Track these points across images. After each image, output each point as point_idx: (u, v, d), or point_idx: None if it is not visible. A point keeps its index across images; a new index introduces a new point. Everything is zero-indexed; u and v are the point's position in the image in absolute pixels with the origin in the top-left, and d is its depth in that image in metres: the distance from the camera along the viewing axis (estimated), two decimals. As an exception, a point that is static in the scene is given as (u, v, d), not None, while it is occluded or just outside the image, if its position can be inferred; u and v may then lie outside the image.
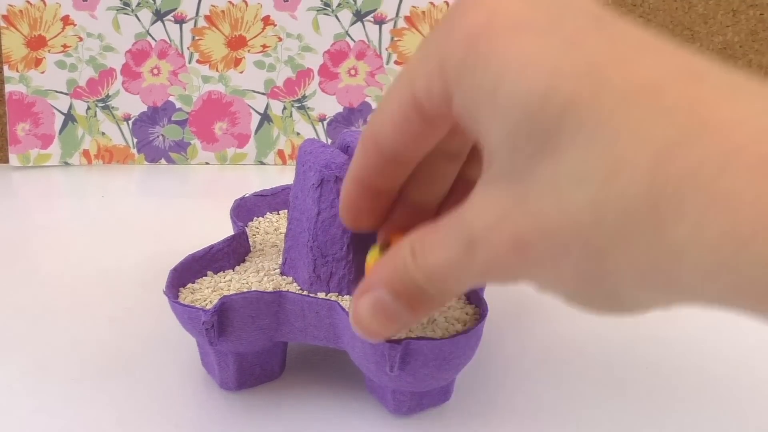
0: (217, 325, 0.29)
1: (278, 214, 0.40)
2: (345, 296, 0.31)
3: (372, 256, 0.29)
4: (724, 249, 0.15)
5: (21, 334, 0.37)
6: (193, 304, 0.30)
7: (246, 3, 0.60)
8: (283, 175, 0.60)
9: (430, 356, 0.28)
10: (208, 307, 0.30)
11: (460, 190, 0.28)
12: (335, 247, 0.31)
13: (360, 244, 0.31)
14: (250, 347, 0.31)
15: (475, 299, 0.31)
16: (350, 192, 0.27)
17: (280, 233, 0.37)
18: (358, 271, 0.31)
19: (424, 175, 0.27)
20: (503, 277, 0.21)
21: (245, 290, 0.31)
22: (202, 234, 0.38)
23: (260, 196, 0.40)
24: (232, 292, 0.31)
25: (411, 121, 0.23)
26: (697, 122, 0.16)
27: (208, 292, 0.32)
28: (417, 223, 0.26)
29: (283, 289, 0.31)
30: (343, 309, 0.29)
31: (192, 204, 0.55)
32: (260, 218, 0.39)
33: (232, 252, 0.34)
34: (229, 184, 0.59)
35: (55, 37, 0.60)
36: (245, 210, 0.39)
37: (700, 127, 0.16)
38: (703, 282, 0.16)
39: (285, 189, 0.40)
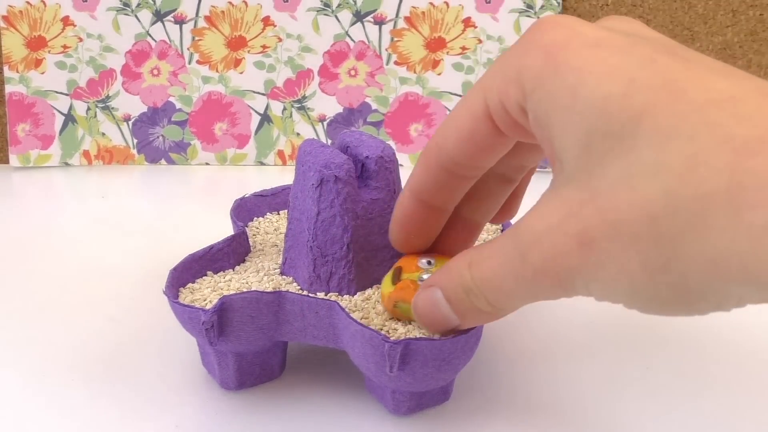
0: (217, 325, 0.29)
1: (278, 214, 0.40)
2: (345, 296, 0.31)
3: (385, 285, 0.29)
4: None
5: (21, 334, 0.37)
6: (192, 304, 0.30)
7: (246, 3, 0.60)
8: (283, 176, 0.60)
9: (429, 356, 0.28)
10: (207, 307, 0.30)
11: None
12: (335, 247, 0.31)
13: (360, 244, 0.31)
14: (249, 347, 0.31)
15: None
16: (406, 207, 0.27)
17: (280, 233, 0.38)
18: (358, 271, 0.31)
19: (476, 195, 0.28)
20: (560, 282, 0.21)
21: (245, 290, 0.31)
22: (202, 234, 0.38)
23: (260, 196, 0.40)
24: (231, 292, 0.31)
25: (479, 133, 0.24)
26: None
27: (207, 292, 0.32)
28: (462, 246, 0.27)
29: (283, 289, 0.31)
30: (343, 309, 0.29)
31: (192, 204, 0.55)
32: (260, 218, 0.39)
33: (232, 252, 0.34)
34: (229, 184, 0.59)
35: (55, 37, 0.60)
36: (245, 210, 0.39)
37: None
38: None
39: (285, 189, 0.40)
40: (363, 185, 0.32)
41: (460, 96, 0.61)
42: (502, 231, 0.38)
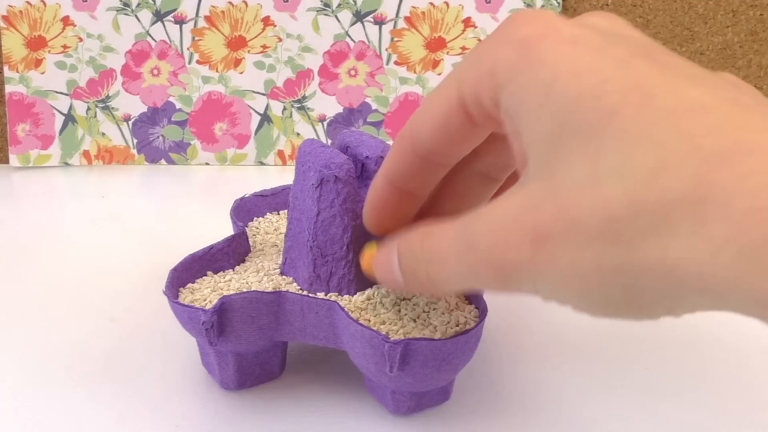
0: (217, 325, 0.29)
1: (278, 214, 0.40)
2: (345, 296, 0.31)
3: (369, 249, 0.29)
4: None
5: (21, 334, 0.37)
6: (192, 304, 0.30)
7: (246, 3, 0.60)
8: (283, 176, 0.60)
9: (429, 356, 0.28)
10: (207, 307, 0.30)
11: None
12: (335, 247, 0.31)
13: (360, 244, 0.31)
14: (249, 347, 0.31)
15: (474, 299, 0.31)
16: (379, 191, 0.27)
17: (280, 233, 0.38)
18: (358, 271, 0.31)
19: (459, 191, 0.28)
20: (502, 275, 0.21)
21: (245, 290, 0.31)
22: (202, 234, 0.38)
23: (260, 196, 0.40)
24: (231, 292, 0.31)
25: (453, 122, 0.24)
26: (745, 140, 0.17)
27: (207, 292, 0.32)
28: None
29: (283, 289, 0.31)
30: (343, 309, 0.29)
31: (192, 204, 0.55)
32: (260, 218, 0.39)
33: (232, 252, 0.34)
34: (229, 184, 0.59)
35: (55, 37, 0.60)
36: (245, 210, 0.39)
37: (750, 143, 0.17)
38: (735, 281, 0.16)
39: (285, 189, 0.40)
40: (363, 185, 0.32)
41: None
42: None
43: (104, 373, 0.34)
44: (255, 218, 0.39)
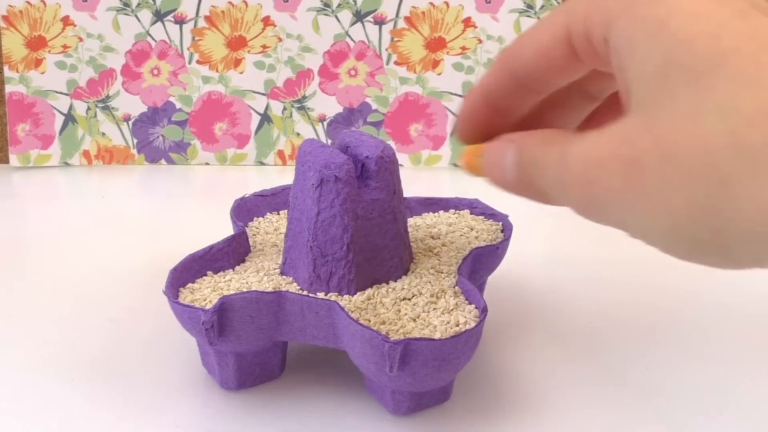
0: (217, 325, 0.29)
1: (278, 214, 0.40)
2: (345, 296, 0.31)
3: (469, 148, 0.28)
4: None
5: (21, 334, 0.37)
6: (192, 304, 0.30)
7: (246, 3, 0.60)
8: (283, 176, 0.60)
9: (429, 356, 0.28)
10: (207, 307, 0.30)
11: None
12: (335, 247, 0.31)
13: (360, 244, 0.31)
14: (249, 347, 0.31)
15: (474, 299, 0.31)
16: (473, 104, 0.28)
17: (280, 233, 0.38)
18: (358, 271, 0.31)
19: (559, 106, 0.28)
20: (589, 201, 0.21)
21: (245, 290, 0.31)
22: (202, 234, 0.38)
23: (260, 196, 0.40)
24: (231, 292, 0.31)
25: (557, 54, 0.24)
26: None
27: (207, 292, 0.32)
28: None
29: (283, 289, 0.31)
30: (343, 309, 0.29)
31: (192, 204, 0.55)
32: (260, 218, 0.39)
33: (232, 252, 0.34)
34: (229, 184, 0.59)
35: (55, 37, 0.60)
36: (245, 210, 0.39)
37: None
38: None
39: (285, 189, 0.40)
40: (363, 185, 0.32)
41: (460, 96, 0.61)
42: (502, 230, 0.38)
43: (104, 373, 0.34)
44: (255, 218, 0.39)
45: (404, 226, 0.34)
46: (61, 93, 0.61)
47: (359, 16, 0.60)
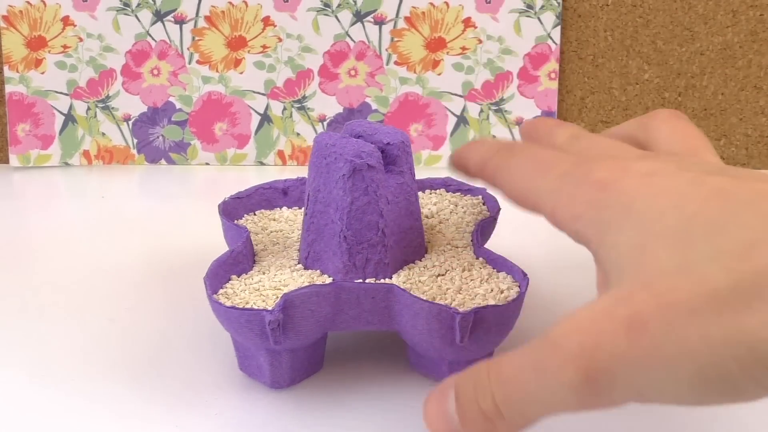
0: (282, 323, 0.29)
1: (254, 214, 0.40)
2: (382, 279, 0.32)
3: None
4: None
5: (21, 335, 0.37)
6: (251, 307, 0.30)
7: (246, 3, 0.60)
8: (283, 176, 0.59)
9: (492, 322, 0.30)
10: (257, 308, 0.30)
11: None
12: (371, 233, 0.32)
13: (391, 228, 0.32)
14: (306, 341, 0.31)
15: (505, 267, 0.33)
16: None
17: (271, 232, 0.38)
18: (392, 255, 0.33)
19: None
20: (591, 375, 0.20)
21: (284, 289, 0.32)
22: (203, 234, 0.38)
23: (237, 198, 0.39)
24: (269, 292, 0.31)
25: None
26: None
27: (245, 295, 0.32)
28: None
29: (316, 281, 0.32)
30: (404, 290, 0.30)
31: (192, 204, 0.56)
32: (239, 220, 0.39)
33: (248, 253, 0.34)
34: (229, 184, 0.59)
35: (55, 37, 0.60)
36: (227, 213, 0.38)
37: None
38: None
39: (258, 189, 0.40)
40: (387, 171, 0.33)
41: (460, 96, 0.61)
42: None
43: (104, 373, 0.34)
44: (235, 220, 0.39)
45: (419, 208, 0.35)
46: (61, 93, 0.61)
47: (359, 16, 0.60)
